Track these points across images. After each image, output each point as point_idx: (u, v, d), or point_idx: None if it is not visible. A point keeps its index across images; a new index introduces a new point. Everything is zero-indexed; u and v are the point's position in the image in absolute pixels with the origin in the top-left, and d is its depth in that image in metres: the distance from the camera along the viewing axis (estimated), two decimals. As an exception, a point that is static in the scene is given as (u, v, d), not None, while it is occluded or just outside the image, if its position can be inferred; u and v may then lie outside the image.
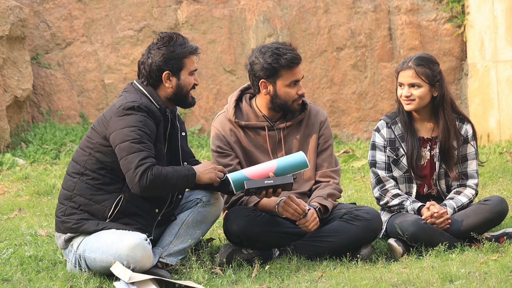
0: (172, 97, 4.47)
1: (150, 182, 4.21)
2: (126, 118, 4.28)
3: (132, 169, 4.22)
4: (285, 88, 4.69)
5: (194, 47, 4.50)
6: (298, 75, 4.71)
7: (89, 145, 4.39)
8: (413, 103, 4.85)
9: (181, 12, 9.23)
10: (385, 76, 9.45)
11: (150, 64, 4.43)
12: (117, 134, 4.27)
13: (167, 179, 4.26)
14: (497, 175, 7.14)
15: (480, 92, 9.20)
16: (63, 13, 9.10)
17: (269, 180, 4.39)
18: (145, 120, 4.29)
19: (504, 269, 4.15)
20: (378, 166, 4.93)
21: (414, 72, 4.82)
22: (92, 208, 4.36)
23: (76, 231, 4.36)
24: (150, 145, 4.28)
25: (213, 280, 4.34)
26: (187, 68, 4.47)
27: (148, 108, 4.31)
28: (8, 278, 4.35)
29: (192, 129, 9.21)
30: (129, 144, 4.24)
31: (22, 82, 8.53)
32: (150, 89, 4.45)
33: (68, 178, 4.43)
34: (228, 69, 9.31)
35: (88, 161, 4.37)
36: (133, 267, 4.18)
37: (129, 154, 4.23)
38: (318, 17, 9.36)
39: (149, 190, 4.25)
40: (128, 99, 4.35)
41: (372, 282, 4.11)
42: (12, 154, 8.25)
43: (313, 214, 4.59)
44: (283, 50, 4.65)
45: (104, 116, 4.38)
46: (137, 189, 4.25)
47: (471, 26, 9.27)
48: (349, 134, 9.51)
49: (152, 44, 4.51)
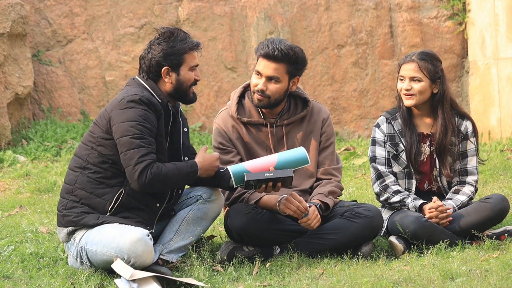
0: (172, 92, 4.47)
1: (149, 180, 4.22)
2: (128, 111, 4.29)
3: (131, 166, 4.23)
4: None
5: (195, 42, 4.49)
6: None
7: (91, 139, 4.40)
8: (413, 97, 4.85)
9: (182, 9, 9.23)
10: (386, 73, 9.45)
11: (150, 59, 4.44)
12: (118, 127, 4.28)
13: (167, 177, 4.27)
14: (498, 172, 7.14)
15: (481, 90, 9.19)
16: (64, 10, 9.10)
17: (269, 173, 4.40)
18: (146, 114, 4.29)
19: (505, 267, 4.15)
20: (378, 162, 4.94)
21: (417, 66, 4.83)
22: (93, 202, 4.37)
23: (77, 224, 4.37)
24: (150, 140, 4.28)
25: (214, 277, 4.34)
26: (187, 64, 4.47)
27: (149, 101, 4.32)
28: (9, 275, 4.35)
29: (193, 126, 9.21)
30: (129, 139, 4.24)
31: (23, 79, 8.53)
32: (151, 83, 4.45)
33: (70, 173, 4.44)
34: (229, 66, 9.30)
35: (90, 155, 4.38)
36: (134, 261, 4.19)
37: (129, 150, 4.24)
38: (319, 15, 9.36)
39: (148, 187, 4.26)
40: (129, 92, 4.36)
41: (373, 279, 4.11)
42: (13, 151, 8.25)
43: (314, 211, 4.59)
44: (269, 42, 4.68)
45: (106, 110, 4.39)
46: (136, 186, 4.26)
47: (472, 23, 9.26)
48: (350, 132, 9.51)
49: (153, 39, 4.51)
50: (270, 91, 4.65)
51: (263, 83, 4.65)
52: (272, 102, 4.69)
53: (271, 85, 4.65)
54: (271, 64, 4.62)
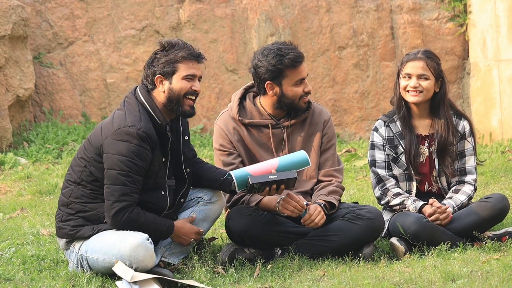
0: (166, 102, 4.41)
1: (123, 222, 4.27)
2: (121, 144, 4.26)
3: (110, 201, 4.27)
4: (291, 88, 4.69)
5: (190, 51, 4.44)
6: (303, 73, 4.71)
7: (85, 157, 4.38)
8: (420, 95, 4.86)
9: (183, 11, 9.23)
10: (387, 75, 9.45)
11: (148, 67, 4.43)
12: (108, 157, 4.27)
13: (142, 226, 4.30)
14: (499, 174, 7.14)
15: (482, 91, 9.19)
16: (65, 13, 9.11)
17: (273, 175, 4.40)
18: (138, 150, 4.26)
19: (506, 268, 4.15)
20: (378, 165, 4.94)
21: (425, 63, 4.84)
22: (87, 214, 4.38)
23: (73, 237, 4.38)
24: (137, 179, 4.28)
25: (215, 279, 4.34)
26: (180, 73, 4.41)
27: (146, 134, 4.27)
28: (10, 277, 4.35)
29: (194, 128, 9.21)
30: (115, 174, 4.25)
31: (24, 82, 8.53)
32: (150, 101, 4.40)
33: (66, 185, 4.46)
34: (230, 68, 9.31)
35: (83, 173, 4.38)
36: (136, 267, 4.19)
37: (112, 185, 4.26)
38: (320, 16, 9.36)
39: (120, 227, 4.30)
40: (127, 120, 4.31)
41: (374, 281, 4.11)
42: (14, 153, 8.26)
43: (316, 208, 4.58)
44: (285, 50, 4.64)
45: (102, 132, 4.34)
46: (110, 222, 4.30)
47: (473, 25, 9.26)
48: (351, 133, 9.51)
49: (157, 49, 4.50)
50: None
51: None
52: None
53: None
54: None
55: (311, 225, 4.58)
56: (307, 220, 4.56)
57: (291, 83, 4.68)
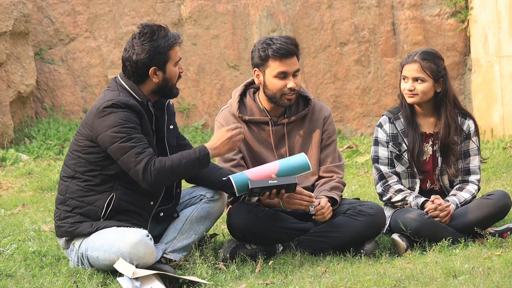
0: (157, 89, 4.42)
1: (155, 177, 4.21)
2: (107, 118, 4.25)
3: (132, 169, 4.22)
4: (272, 79, 4.66)
5: (176, 36, 4.42)
6: (286, 67, 4.65)
7: (77, 148, 4.37)
8: (416, 97, 4.84)
9: (184, 7, 9.23)
10: (389, 71, 9.44)
11: (136, 61, 4.36)
12: (103, 137, 4.26)
13: (173, 169, 4.25)
14: (500, 170, 7.14)
15: (483, 87, 9.18)
16: (67, 9, 9.10)
17: (273, 180, 4.39)
18: (126, 115, 4.25)
19: (507, 264, 4.15)
20: (381, 162, 4.93)
21: (419, 66, 4.81)
22: (84, 210, 4.35)
23: (72, 234, 4.37)
24: (140, 137, 4.26)
25: (216, 275, 4.34)
26: (172, 60, 4.41)
27: (126, 104, 4.27)
28: (12, 273, 4.36)
29: (196, 124, 9.21)
30: (119, 145, 4.22)
31: (25, 78, 8.53)
32: (130, 83, 4.39)
33: (61, 182, 4.44)
34: (231, 65, 9.30)
35: (77, 164, 4.36)
36: (136, 264, 4.18)
37: (123, 155, 4.23)
38: (321, 12, 9.35)
39: (158, 184, 4.26)
40: (106, 97, 4.32)
41: (376, 277, 4.11)
42: (16, 149, 8.26)
43: (326, 202, 4.58)
44: (276, 40, 4.64)
45: (87, 119, 4.35)
46: (145, 185, 4.25)
47: (475, 21, 9.25)
48: (353, 129, 9.51)
49: (134, 37, 4.43)
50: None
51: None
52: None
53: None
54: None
55: (320, 218, 4.58)
56: (319, 212, 4.56)
57: (272, 74, 4.65)
